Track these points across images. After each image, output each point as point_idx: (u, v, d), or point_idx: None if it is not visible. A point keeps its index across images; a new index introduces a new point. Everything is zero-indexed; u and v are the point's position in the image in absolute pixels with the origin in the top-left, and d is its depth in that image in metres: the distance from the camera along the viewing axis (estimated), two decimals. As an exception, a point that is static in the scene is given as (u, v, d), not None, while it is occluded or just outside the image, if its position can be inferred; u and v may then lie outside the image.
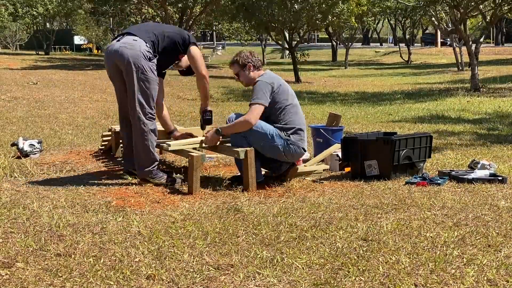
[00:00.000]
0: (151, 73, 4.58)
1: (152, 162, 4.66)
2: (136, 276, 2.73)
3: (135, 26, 5.47)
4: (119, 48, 4.58)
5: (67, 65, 24.64)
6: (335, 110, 10.74)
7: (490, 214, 3.79)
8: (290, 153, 4.66)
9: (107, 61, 4.76)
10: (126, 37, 4.66)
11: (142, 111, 4.57)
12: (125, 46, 4.57)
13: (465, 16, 17.19)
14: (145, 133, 4.59)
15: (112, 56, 4.64)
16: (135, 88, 4.56)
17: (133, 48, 4.54)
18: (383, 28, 60.29)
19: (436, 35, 48.77)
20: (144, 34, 4.66)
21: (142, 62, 4.53)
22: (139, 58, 4.53)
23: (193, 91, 15.27)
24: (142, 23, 6.20)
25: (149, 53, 4.58)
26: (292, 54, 21.16)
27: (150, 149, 4.63)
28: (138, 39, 4.60)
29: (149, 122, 4.61)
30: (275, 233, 3.38)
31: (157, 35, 4.72)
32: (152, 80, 4.59)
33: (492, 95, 14.32)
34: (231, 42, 48.35)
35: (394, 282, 2.67)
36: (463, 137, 7.64)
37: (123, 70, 4.59)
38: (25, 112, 9.78)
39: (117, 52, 4.58)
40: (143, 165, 4.66)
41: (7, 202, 4.02)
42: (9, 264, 2.85)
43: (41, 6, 35.56)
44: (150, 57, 4.58)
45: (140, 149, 4.65)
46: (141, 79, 4.55)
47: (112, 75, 4.80)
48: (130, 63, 4.52)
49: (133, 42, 4.57)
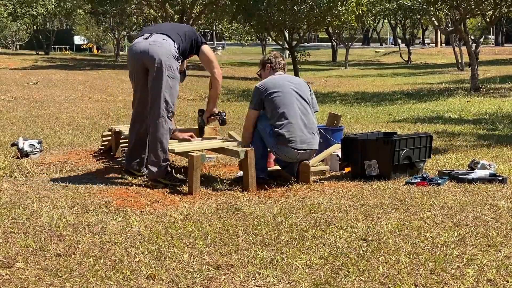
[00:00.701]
0: (177, 73, 4.62)
1: (166, 161, 4.64)
2: (136, 276, 2.73)
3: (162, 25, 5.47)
4: (149, 46, 4.54)
5: (67, 65, 24.65)
6: (335, 110, 10.73)
7: (490, 214, 3.79)
8: (283, 153, 4.74)
9: (133, 58, 4.67)
10: (155, 35, 4.62)
11: (166, 110, 4.56)
12: (155, 44, 4.54)
13: (465, 16, 17.19)
14: (165, 132, 4.58)
15: (140, 54, 4.58)
16: (163, 86, 4.51)
17: (163, 46, 4.53)
18: (383, 28, 60.29)
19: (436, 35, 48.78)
20: (173, 34, 4.65)
21: (172, 61, 4.54)
22: (170, 56, 4.53)
23: (193, 91, 15.28)
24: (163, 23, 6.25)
25: (176, 53, 4.59)
26: (292, 54, 21.16)
27: (166, 149, 4.61)
28: (168, 39, 4.59)
29: (169, 121, 4.62)
30: (275, 233, 3.38)
31: (181, 36, 4.72)
32: (178, 80, 4.65)
33: (492, 95, 14.32)
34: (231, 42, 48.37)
35: (394, 282, 2.67)
36: (463, 137, 7.64)
37: (152, 68, 4.52)
38: (25, 112, 9.79)
39: (147, 50, 4.53)
40: (159, 165, 4.59)
41: (7, 202, 4.01)
42: (9, 264, 2.85)
43: (41, 6, 35.56)
44: (177, 57, 4.60)
45: (158, 148, 4.57)
46: (170, 77, 4.54)
47: (136, 74, 4.70)
48: (161, 61, 4.49)
49: (163, 41, 4.56)
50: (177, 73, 4.60)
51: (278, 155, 4.81)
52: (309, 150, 4.79)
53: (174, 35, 4.66)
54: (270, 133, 4.74)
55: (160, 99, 4.52)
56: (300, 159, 4.76)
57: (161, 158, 4.58)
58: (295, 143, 4.69)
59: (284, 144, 4.68)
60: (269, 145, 4.79)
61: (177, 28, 4.92)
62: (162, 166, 4.59)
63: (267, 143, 4.80)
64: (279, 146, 4.71)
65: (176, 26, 5.05)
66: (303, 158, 4.77)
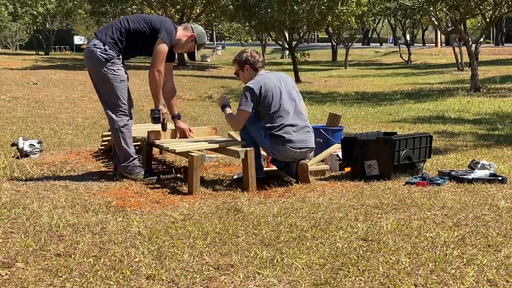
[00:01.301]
0: (110, 74, 4.70)
1: (127, 158, 4.78)
2: (136, 276, 2.73)
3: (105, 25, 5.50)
4: (85, 52, 4.89)
5: (67, 65, 24.64)
6: (335, 110, 10.74)
7: (490, 214, 3.79)
8: (280, 153, 4.74)
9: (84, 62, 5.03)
10: (92, 40, 4.85)
11: (112, 110, 4.74)
12: (86, 50, 4.81)
13: (465, 16, 17.19)
14: (116, 130, 4.76)
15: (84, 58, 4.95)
16: (101, 90, 4.79)
17: (90, 53, 4.71)
18: (383, 28, 60.29)
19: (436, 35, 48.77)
20: (103, 35, 4.74)
21: (99, 66, 4.68)
22: (96, 62, 4.68)
23: (193, 91, 15.28)
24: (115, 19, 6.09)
25: (107, 55, 4.67)
26: (292, 54, 21.15)
27: (123, 146, 4.77)
28: (97, 42, 4.72)
29: (120, 119, 4.75)
30: (275, 233, 3.38)
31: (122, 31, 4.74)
32: (112, 80, 4.71)
33: (492, 95, 14.32)
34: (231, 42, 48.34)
35: (394, 282, 2.67)
36: (463, 137, 7.63)
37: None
38: (25, 112, 9.79)
39: (84, 55, 4.89)
40: (119, 161, 4.81)
41: (7, 202, 4.02)
42: (9, 264, 2.85)
43: (41, 6, 35.55)
44: (107, 58, 4.67)
45: (117, 145, 4.81)
46: (102, 80, 4.73)
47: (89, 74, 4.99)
48: (91, 67, 4.79)
49: (92, 47, 4.72)
50: (110, 75, 4.69)
51: (275, 156, 4.80)
52: (306, 149, 4.79)
53: (102, 32, 4.78)
54: (265, 135, 4.73)
55: (102, 100, 4.81)
56: (297, 158, 4.76)
57: (122, 155, 4.78)
58: (293, 142, 4.69)
59: (281, 144, 4.68)
60: (265, 147, 4.78)
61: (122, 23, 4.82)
62: (125, 161, 4.78)
63: (262, 144, 4.78)
64: (276, 146, 4.70)
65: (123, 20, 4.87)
66: (300, 157, 4.77)
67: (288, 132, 4.69)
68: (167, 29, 4.79)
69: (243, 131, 4.87)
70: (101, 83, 4.75)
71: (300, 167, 4.77)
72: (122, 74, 4.76)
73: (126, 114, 4.79)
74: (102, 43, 4.69)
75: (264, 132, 4.73)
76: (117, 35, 4.73)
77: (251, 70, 4.88)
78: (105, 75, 4.69)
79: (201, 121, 9.45)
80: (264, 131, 4.74)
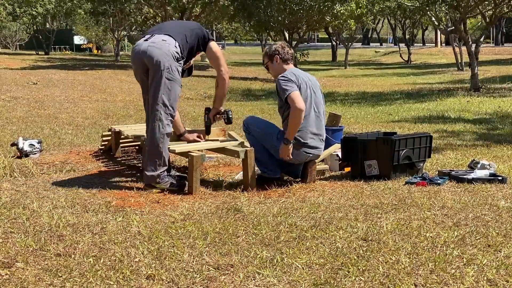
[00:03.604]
0: (177, 74, 4.49)
1: (160, 165, 4.48)
2: (136, 276, 2.73)
3: (165, 24, 5.30)
4: (147, 48, 4.47)
5: (67, 65, 24.63)
6: (335, 110, 10.74)
7: (490, 214, 3.79)
8: (292, 156, 4.67)
9: (134, 61, 4.63)
10: (155, 36, 4.56)
11: (165, 112, 4.45)
12: (154, 45, 4.46)
13: (465, 16, 17.19)
14: (162, 136, 4.45)
15: (140, 56, 4.51)
16: (161, 88, 4.42)
17: (162, 48, 4.44)
18: (383, 28, 60.27)
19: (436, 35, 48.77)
20: (175, 34, 4.56)
21: (171, 62, 4.43)
22: (168, 57, 4.42)
23: (193, 91, 15.28)
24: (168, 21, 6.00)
25: (177, 54, 4.49)
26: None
27: (163, 153, 4.47)
28: (168, 39, 4.50)
29: (168, 125, 4.48)
30: (275, 233, 3.38)
31: (186, 34, 4.61)
32: (178, 81, 4.51)
33: (492, 95, 14.31)
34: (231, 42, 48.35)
35: (394, 282, 2.67)
36: (463, 137, 7.64)
37: (151, 69, 4.47)
38: (25, 112, 9.78)
39: (145, 51, 4.47)
40: (153, 169, 4.47)
41: (7, 202, 4.02)
42: (9, 264, 2.85)
43: (40, 6, 35.54)
44: (178, 58, 4.49)
45: (153, 152, 4.48)
46: (168, 79, 4.43)
47: (140, 76, 4.63)
48: (159, 63, 4.41)
49: (162, 42, 4.48)
50: (176, 75, 4.47)
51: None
52: (317, 156, 4.83)
53: (177, 34, 4.57)
54: (277, 137, 4.67)
55: (158, 102, 4.43)
56: (308, 161, 4.80)
57: (157, 163, 4.46)
58: (308, 147, 4.68)
59: (295, 148, 4.63)
60: (277, 149, 4.67)
61: (181, 26, 4.82)
62: (156, 171, 4.47)
63: (272, 146, 4.69)
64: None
65: (180, 24, 4.95)
66: (310, 160, 4.81)
67: (305, 137, 4.65)
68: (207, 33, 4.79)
69: (251, 136, 4.80)
70: (163, 82, 4.41)
71: (310, 166, 4.79)
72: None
73: (172, 122, 4.55)
74: (174, 40, 4.48)
75: (277, 134, 4.68)
76: (182, 38, 4.57)
77: (281, 62, 4.78)
78: (171, 74, 4.43)
79: (201, 121, 9.44)
80: (277, 131, 4.69)
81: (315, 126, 4.72)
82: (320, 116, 4.77)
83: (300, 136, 4.64)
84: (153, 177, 4.47)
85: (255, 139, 4.78)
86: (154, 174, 4.46)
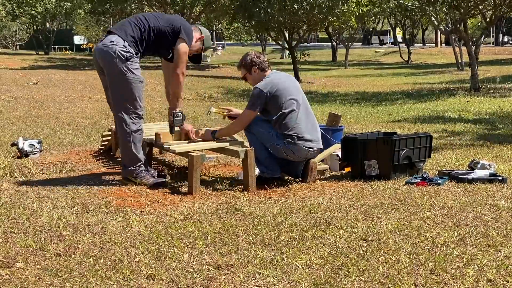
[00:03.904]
0: (130, 73, 4.47)
1: (135, 162, 4.61)
2: (136, 276, 2.73)
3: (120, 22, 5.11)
4: (98, 50, 4.58)
5: (67, 65, 24.64)
6: (335, 110, 10.73)
7: (490, 214, 3.79)
8: (293, 152, 4.72)
9: (93, 61, 4.78)
10: (107, 37, 4.58)
11: (125, 113, 4.52)
12: (102, 48, 4.52)
13: (465, 16, 17.19)
14: (127, 134, 4.55)
15: (95, 57, 4.66)
16: (117, 89, 4.52)
17: (109, 49, 4.45)
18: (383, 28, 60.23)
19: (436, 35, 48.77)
20: (123, 32, 4.53)
21: (118, 64, 4.43)
22: (115, 60, 4.43)
23: (193, 91, 15.28)
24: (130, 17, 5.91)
25: (126, 52, 4.45)
26: (292, 54, 21.15)
27: (132, 150, 4.58)
28: (116, 39, 4.48)
29: (133, 122, 4.54)
30: (275, 233, 3.38)
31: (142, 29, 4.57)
32: (133, 80, 4.49)
33: (492, 95, 14.31)
34: (231, 42, 48.33)
35: (394, 282, 2.67)
36: (463, 137, 7.63)
37: (104, 71, 4.58)
38: (25, 112, 9.79)
39: (97, 53, 4.60)
40: (125, 164, 4.66)
41: (7, 202, 4.02)
42: (9, 264, 2.85)
43: (40, 6, 35.53)
44: (127, 57, 4.45)
45: (124, 150, 4.64)
46: (119, 80, 4.47)
47: (100, 75, 4.73)
48: (106, 65, 4.49)
49: (110, 44, 4.47)
50: (129, 75, 4.46)
51: (287, 156, 4.75)
52: (317, 149, 4.83)
53: (127, 31, 4.53)
54: (277, 135, 4.71)
55: (116, 103, 4.56)
56: (309, 157, 4.80)
57: (129, 159, 4.62)
58: (306, 141, 4.71)
59: (295, 144, 4.68)
60: (277, 147, 4.72)
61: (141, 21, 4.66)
62: (131, 165, 4.61)
63: (273, 145, 4.74)
64: (289, 145, 4.68)
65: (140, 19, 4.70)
66: (311, 156, 4.81)
67: (301, 131, 4.70)
68: (186, 30, 4.66)
69: (251, 135, 4.84)
70: (117, 84, 4.49)
71: (311, 165, 4.80)
72: (140, 75, 4.56)
73: (140, 118, 4.60)
74: (122, 39, 4.46)
75: (275, 133, 4.72)
76: (137, 33, 4.53)
77: (259, 71, 4.89)
78: (123, 75, 4.44)
79: (201, 121, 9.45)
80: (275, 131, 4.73)
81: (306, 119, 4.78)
82: (308, 108, 4.87)
83: (296, 133, 4.68)
84: (128, 172, 4.64)
85: (255, 138, 4.79)
86: (129, 169, 4.64)
